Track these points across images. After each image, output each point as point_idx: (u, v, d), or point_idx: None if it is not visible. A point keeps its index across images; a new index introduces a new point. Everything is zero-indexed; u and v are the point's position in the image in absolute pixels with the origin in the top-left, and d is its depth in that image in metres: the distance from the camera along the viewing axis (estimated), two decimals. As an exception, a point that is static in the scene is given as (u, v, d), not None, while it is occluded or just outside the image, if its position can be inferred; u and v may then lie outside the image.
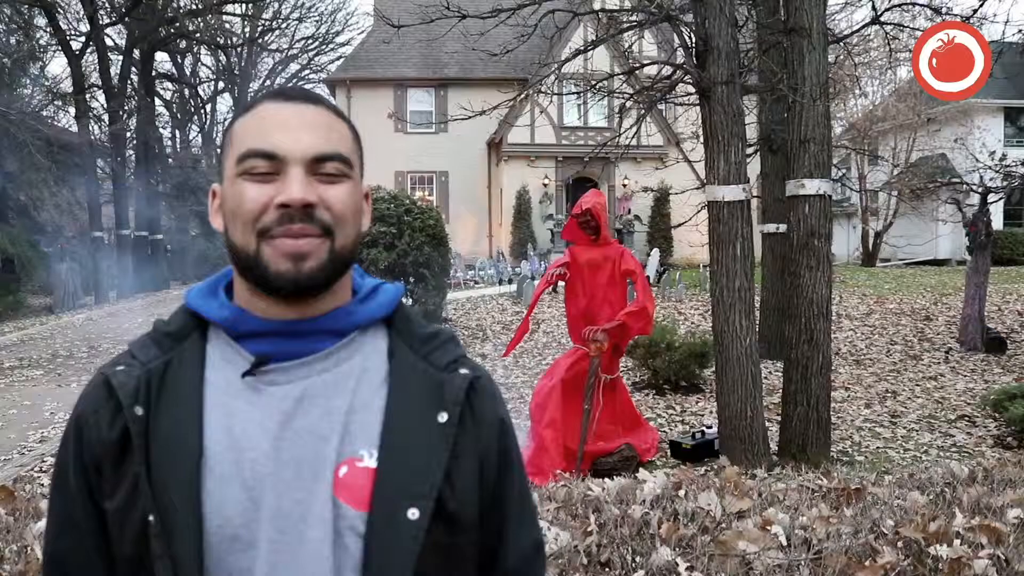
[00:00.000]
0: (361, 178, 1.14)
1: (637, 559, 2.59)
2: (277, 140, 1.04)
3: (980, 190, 12.74)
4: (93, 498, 1.06)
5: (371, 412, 1.06)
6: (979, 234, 12.01)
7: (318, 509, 1.01)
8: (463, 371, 1.12)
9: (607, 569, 2.59)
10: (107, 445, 1.04)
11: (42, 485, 5.56)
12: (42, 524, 3.23)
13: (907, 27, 11.22)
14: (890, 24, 10.07)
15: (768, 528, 2.69)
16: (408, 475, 1.03)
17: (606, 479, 3.38)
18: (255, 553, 1.00)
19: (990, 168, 15.11)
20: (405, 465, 1.04)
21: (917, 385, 9.88)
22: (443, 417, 1.07)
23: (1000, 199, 15.92)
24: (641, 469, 5.19)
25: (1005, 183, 14.81)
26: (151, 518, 0.99)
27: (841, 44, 10.70)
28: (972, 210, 12.79)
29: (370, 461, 1.03)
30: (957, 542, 2.51)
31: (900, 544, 2.59)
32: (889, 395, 9.37)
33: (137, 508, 1.01)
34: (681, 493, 3.06)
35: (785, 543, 2.63)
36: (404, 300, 1.18)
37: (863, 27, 10.38)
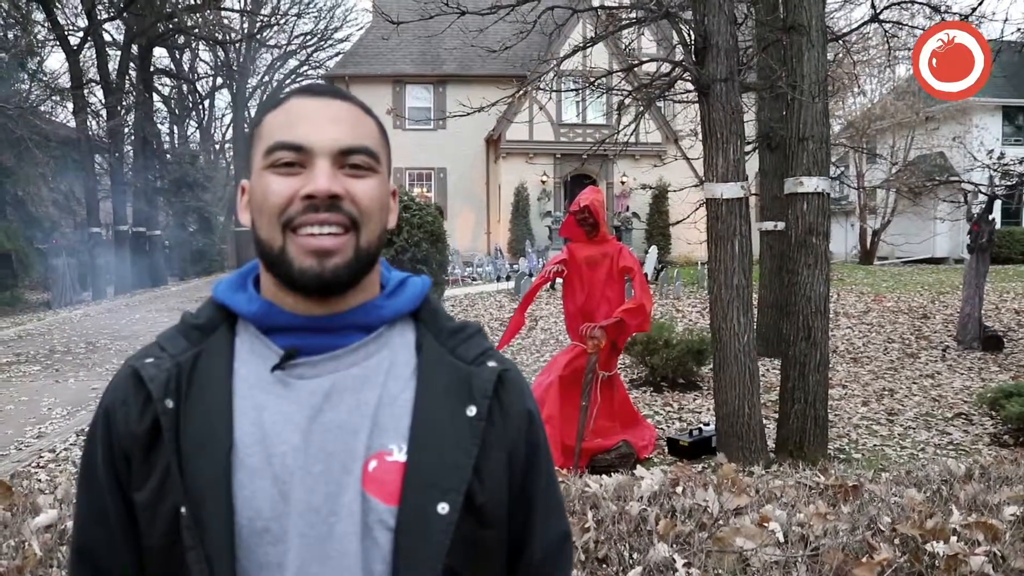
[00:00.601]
0: (389, 175, 1.14)
1: (635, 556, 2.59)
2: (304, 132, 1.05)
3: (989, 192, 12.74)
4: (121, 489, 1.06)
5: (400, 406, 1.06)
6: (981, 235, 12.01)
7: (347, 503, 1.02)
8: (491, 364, 1.12)
9: (605, 565, 2.59)
10: (136, 437, 1.04)
11: (39, 481, 5.56)
12: (40, 519, 3.23)
13: (906, 25, 11.22)
14: (889, 22, 10.07)
15: (765, 525, 2.70)
16: (438, 469, 1.03)
17: (603, 476, 3.39)
18: (285, 547, 1.01)
19: (988, 167, 15.13)
20: (434, 459, 1.04)
21: (914, 383, 9.89)
22: (472, 411, 1.07)
23: (1000, 197, 15.91)
24: (639, 466, 5.19)
25: (1011, 183, 14.82)
26: (183, 510, 0.99)
27: (840, 42, 10.70)
28: (978, 206, 12.79)
29: (399, 455, 1.04)
30: (954, 539, 2.52)
31: (897, 541, 2.60)
32: (886, 393, 9.38)
33: (167, 500, 1.01)
34: (678, 490, 3.06)
35: (782, 540, 2.64)
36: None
37: (862, 25, 10.39)
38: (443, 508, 1.02)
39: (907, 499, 2.98)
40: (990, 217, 12.29)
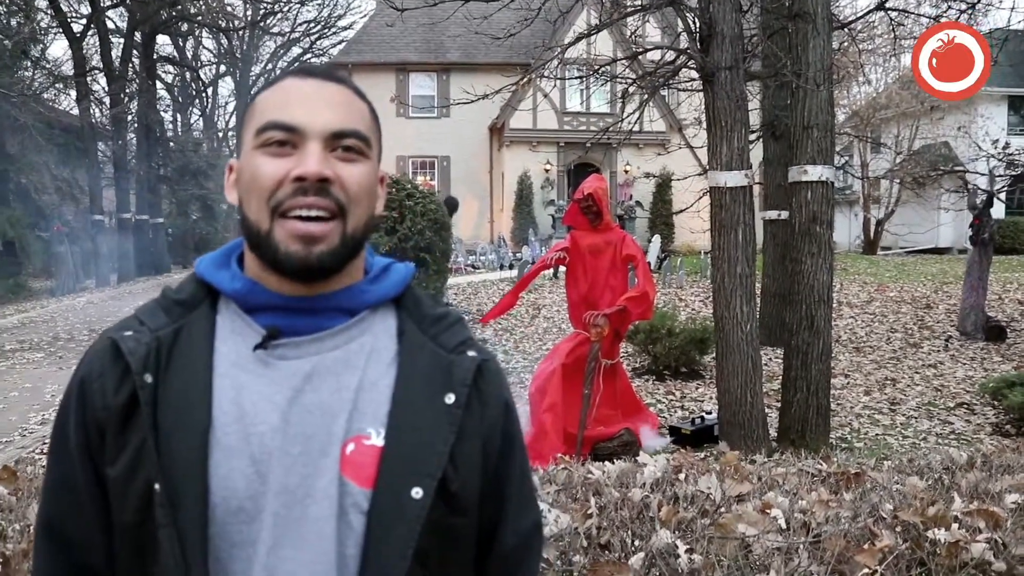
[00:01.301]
0: (379, 161, 1.14)
1: (637, 542, 2.60)
2: (296, 113, 1.04)
3: (988, 189, 12.73)
4: (93, 462, 1.06)
5: (379, 391, 1.07)
6: (983, 229, 12.00)
7: (324, 485, 1.02)
8: (471, 353, 1.13)
9: (607, 551, 2.60)
10: (112, 410, 1.04)
11: (43, 467, 5.58)
12: (44, 503, 3.24)
13: (912, 13, 11.19)
14: (895, 10, 10.03)
15: (767, 511, 2.70)
16: (414, 454, 1.04)
17: (606, 463, 3.40)
18: (259, 526, 1.01)
19: (993, 156, 15.09)
20: (411, 444, 1.04)
21: (916, 373, 9.90)
22: (450, 398, 1.08)
23: (1003, 188, 15.90)
24: (641, 454, 5.20)
25: (1016, 173, 14.80)
26: (156, 487, 0.99)
27: (846, 30, 10.66)
28: (980, 197, 12.79)
29: (377, 439, 1.04)
30: (955, 526, 2.53)
31: (899, 528, 2.60)
32: (888, 382, 9.38)
33: (140, 475, 1.00)
34: (681, 477, 3.07)
35: (784, 526, 2.64)
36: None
37: (868, 13, 10.32)
38: (417, 493, 1.02)
39: (909, 487, 2.99)
40: (990, 212, 12.27)
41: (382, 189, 1.15)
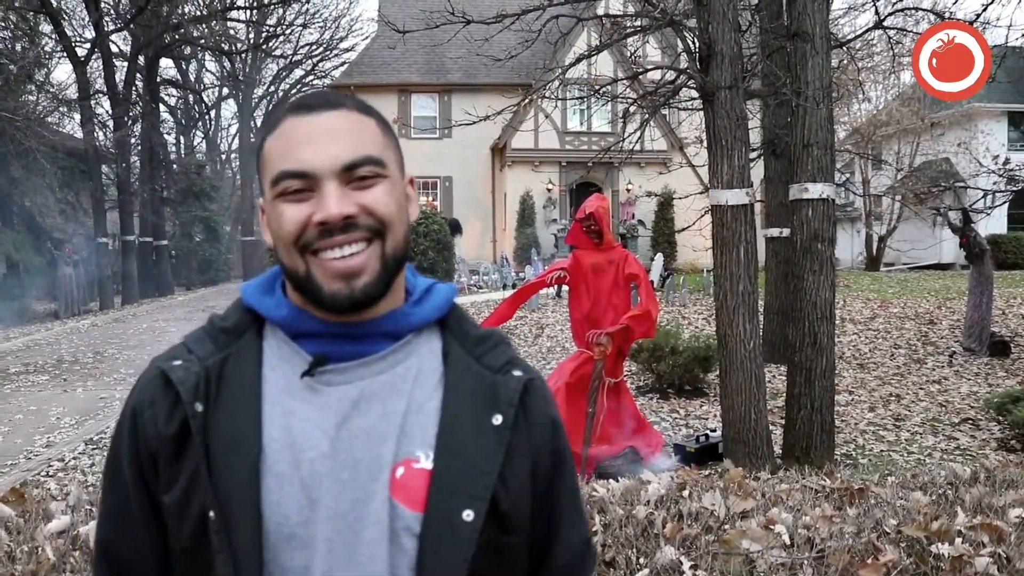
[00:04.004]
0: (401, 168, 1.13)
1: (642, 559, 2.61)
2: (305, 157, 1.04)
3: (958, 206, 12.81)
4: (148, 489, 1.07)
5: (427, 414, 1.07)
6: (973, 246, 12.03)
7: (375, 509, 1.02)
8: (516, 373, 1.13)
9: (612, 568, 2.62)
10: (164, 439, 1.05)
11: (49, 490, 5.59)
12: (53, 525, 3.26)
13: (910, 32, 11.22)
14: (893, 29, 10.10)
15: (772, 527, 2.71)
16: (463, 476, 1.05)
17: (611, 480, 3.41)
18: (311, 552, 1.02)
19: (994, 172, 15.13)
20: (460, 467, 1.05)
21: (921, 389, 9.88)
22: (498, 419, 1.08)
23: (1004, 203, 15.94)
24: (645, 471, 5.20)
25: (1015, 188, 14.84)
26: (211, 514, 1.00)
27: (844, 48, 10.73)
28: (956, 219, 12.86)
29: (426, 462, 1.04)
30: (959, 540, 2.53)
31: (903, 543, 2.61)
32: (893, 399, 9.37)
33: (195, 502, 1.02)
34: (685, 494, 3.08)
35: (788, 542, 2.65)
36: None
37: (866, 31, 10.39)
38: (468, 515, 1.03)
39: (912, 502, 3.00)
40: (972, 226, 12.29)
41: (413, 190, 1.15)
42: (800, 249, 6.46)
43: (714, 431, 7.19)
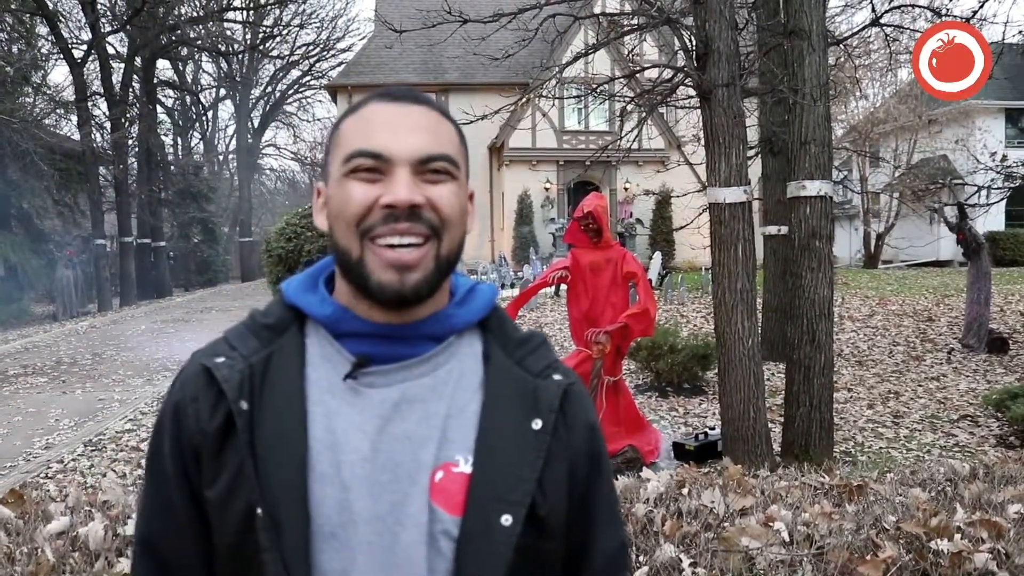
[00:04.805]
0: (467, 178, 1.13)
1: (641, 557, 2.61)
2: (384, 140, 1.04)
3: (952, 203, 12.82)
4: (190, 483, 1.07)
5: (467, 417, 1.07)
6: (969, 242, 12.05)
7: (414, 513, 1.02)
8: (557, 377, 1.13)
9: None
10: (207, 435, 1.05)
11: (48, 492, 5.59)
12: (52, 527, 3.25)
13: (907, 29, 11.26)
14: (890, 26, 10.10)
15: (771, 524, 2.72)
16: (502, 481, 1.04)
17: (610, 478, 3.41)
18: (351, 554, 1.01)
19: (991, 168, 15.14)
20: (499, 471, 1.04)
21: (919, 386, 9.89)
22: (537, 424, 1.08)
23: (1001, 200, 15.95)
24: (645, 470, 5.20)
25: (1012, 185, 14.85)
26: (259, 511, 1.00)
27: (841, 46, 10.73)
28: (952, 216, 12.88)
29: (465, 467, 1.04)
30: (958, 537, 2.54)
31: (901, 539, 2.61)
32: (891, 396, 9.38)
33: (240, 499, 1.02)
34: (684, 491, 3.08)
35: (788, 539, 2.65)
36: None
37: (863, 29, 10.40)
38: (507, 520, 1.02)
39: (912, 498, 3.00)
40: (969, 222, 12.30)
41: (471, 205, 1.15)
42: (798, 246, 6.46)
43: (713, 429, 7.20)
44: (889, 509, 2.89)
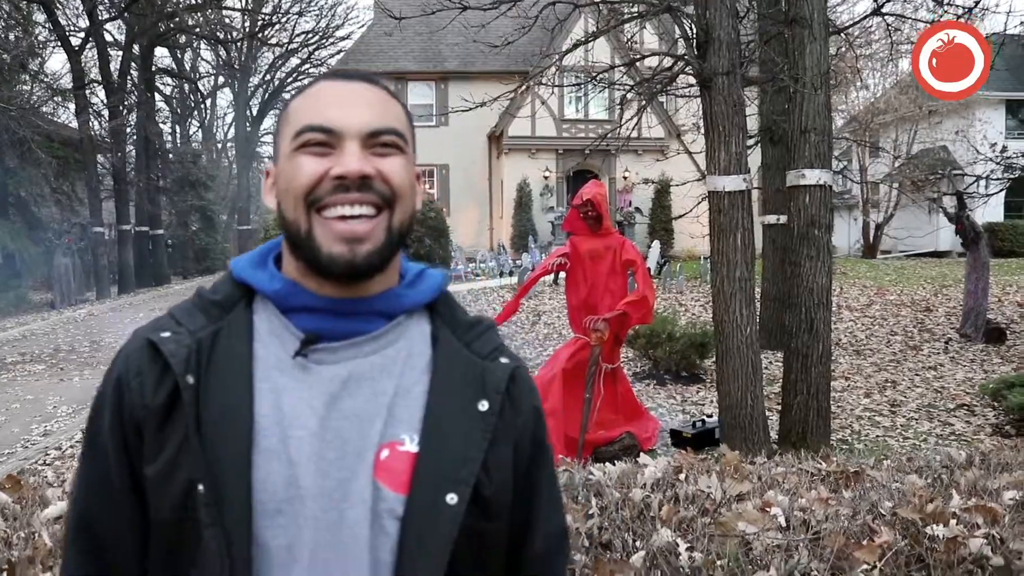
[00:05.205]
0: (414, 156, 1.15)
1: (638, 542, 2.62)
2: (333, 115, 1.05)
3: (952, 192, 12.83)
4: (130, 461, 1.06)
5: (414, 397, 1.08)
6: (967, 233, 12.07)
7: (358, 490, 1.02)
8: (504, 360, 1.14)
9: (608, 551, 2.62)
10: (151, 409, 1.04)
11: (45, 477, 5.60)
12: (49, 511, 3.26)
13: (909, 18, 11.20)
14: (891, 15, 10.07)
15: (767, 510, 2.72)
16: (448, 461, 1.05)
17: (607, 464, 3.41)
18: (296, 530, 1.01)
19: (991, 160, 15.13)
20: (445, 451, 1.05)
21: (917, 375, 9.91)
22: (484, 405, 1.09)
23: (1000, 190, 15.95)
24: (642, 455, 5.21)
25: (1012, 176, 14.86)
26: (200, 487, 0.99)
27: (843, 35, 10.70)
28: (951, 207, 12.89)
29: (411, 446, 1.05)
30: (953, 522, 2.54)
31: (897, 525, 2.62)
32: (889, 385, 9.40)
33: (180, 474, 1.01)
34: (682, 477, 3.09)
35: (784, 524, 2.66)
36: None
37: (864, 18, 10.37)
38: (452, 499, 1.03)
39: (908, 485, 3.01)
40: (967, 212, 12.32)
41: (420, 185, 1.16)
42: (797, 235, 6.46)
43: (710, 417, 7.22)
44: (885, 495, 2.90)
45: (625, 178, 26.18)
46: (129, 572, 1.08)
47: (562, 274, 6.95)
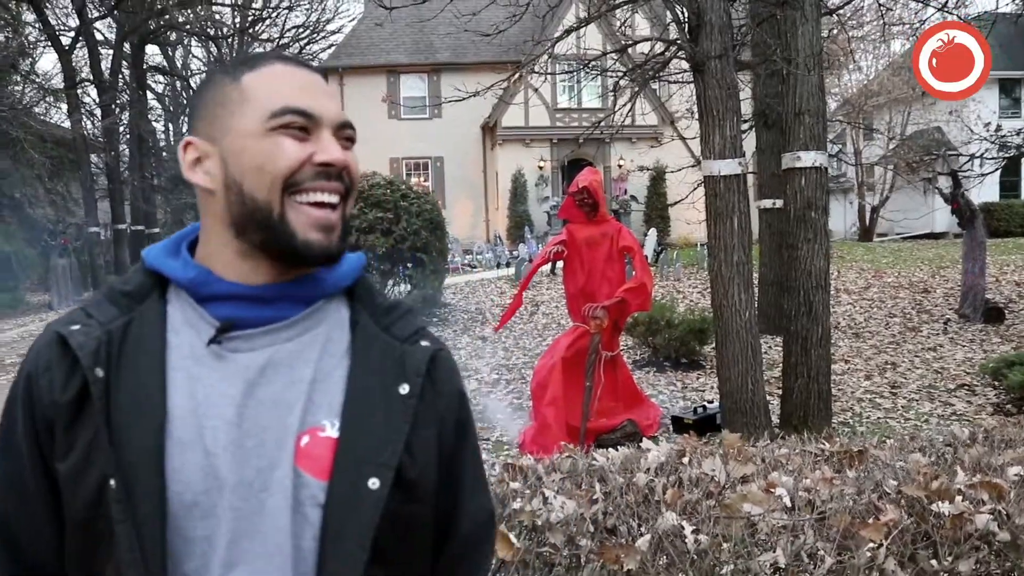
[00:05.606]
0: None
1: (643, 527, 2.61)
2: (309, 101, 1.06)
3: (947, 172, 12.84)
4: (44, 459, 1.03)
5: (333, 382, 1.06)
6: (963, 212, 12.07)
7: (279, 478, 1.01)
8: (424, 343, 1.13)
9: (614, 536, 2.62)
10: (61, 406, 1.01)
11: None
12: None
13: (900, 0, 11.19)
14: (882, -4, 10.04)
15: (772, 491, 2.72)
16: (369, 445, 1.04)
17: (610, 450, 3.41)
18: (215, 521, 1.00)
19: (985, 139, 15.12)
20: (366, 435, 1.04)
21: (916, 356, 9.92)
22: (404, 389, 1.08)
23: (995, 170, 15.94)
24: (644, 441, 5.21)
25: (1007, 155, 14.86)
26: (111, 483, 0.97)
27: (835, 16, 10.67)
28: (947, 187, 12.90)
29: (332, 431, 1.04)
30: (959, 499, 2.54)
31: (903, 503, 2.62)
32: (889, 367, 9.40)
33: (93, 471, 0.99)
34: (685, 460, 3.08)
35: (789, 505, 2.66)
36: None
37: (855, -1, 10.35)
38: (374, 483, 1.02)
39: (912, 463, 3.00)
40: (962, 192, 12.32)
41: None
42: (794, 218, 6.45)
43: (711, 403, 7.21)
44: (890, 474, 2.89)
45: (620, 166, 26.17)
46: (49, 571, 1.06)
47: (559, 263, 6.95)
